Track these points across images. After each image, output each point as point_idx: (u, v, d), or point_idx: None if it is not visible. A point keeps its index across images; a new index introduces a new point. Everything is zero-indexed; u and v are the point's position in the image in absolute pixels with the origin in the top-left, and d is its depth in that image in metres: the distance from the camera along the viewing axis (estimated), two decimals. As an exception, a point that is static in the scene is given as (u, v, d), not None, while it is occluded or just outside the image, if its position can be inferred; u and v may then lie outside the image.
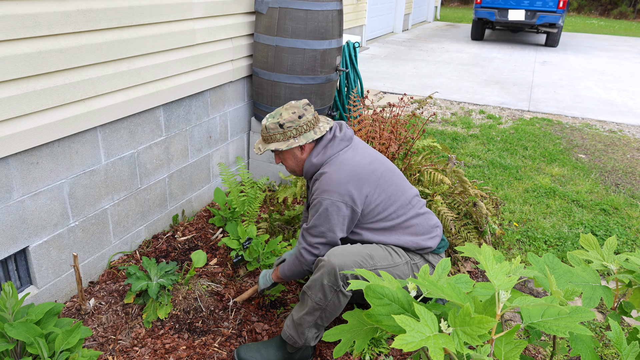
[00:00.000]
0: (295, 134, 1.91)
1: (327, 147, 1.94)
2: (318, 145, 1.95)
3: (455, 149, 4.59)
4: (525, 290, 2.65)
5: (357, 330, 1.09)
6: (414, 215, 1.96)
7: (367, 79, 7.08)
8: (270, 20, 3.07)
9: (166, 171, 2.79)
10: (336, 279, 1.78)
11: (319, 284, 1.80)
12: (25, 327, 1.59)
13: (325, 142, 1.94)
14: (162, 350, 2.06)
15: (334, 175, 1.87)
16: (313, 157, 1.94)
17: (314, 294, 1.82)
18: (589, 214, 3.48)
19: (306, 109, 1.94)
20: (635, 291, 1.25)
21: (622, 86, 7.45)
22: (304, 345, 1.92)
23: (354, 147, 1.97)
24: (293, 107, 1.93)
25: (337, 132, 1.97)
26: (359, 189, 1.87)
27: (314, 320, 1.86)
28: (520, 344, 0.98)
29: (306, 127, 1.92)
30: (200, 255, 2.42)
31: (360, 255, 1.83)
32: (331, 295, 1.81)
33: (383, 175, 1.94)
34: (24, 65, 1.84)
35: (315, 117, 1.96)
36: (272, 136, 1.93)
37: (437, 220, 2.05)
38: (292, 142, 1.91)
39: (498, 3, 10.66)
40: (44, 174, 2.06)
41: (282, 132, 1.91)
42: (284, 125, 1.90)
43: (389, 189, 1.93)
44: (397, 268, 1.89)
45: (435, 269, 1.18)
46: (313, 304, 1.83)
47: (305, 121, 1.91)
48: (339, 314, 1.87)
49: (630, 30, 16.25)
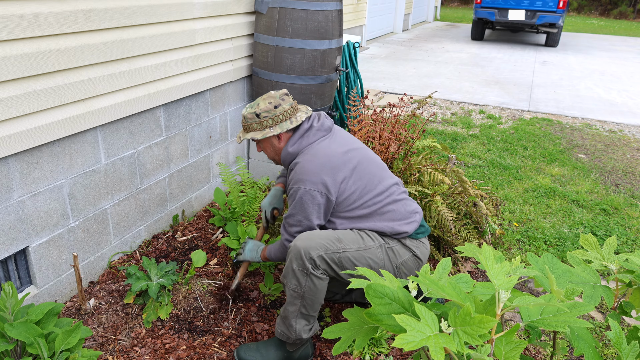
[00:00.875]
0: (272, 124, 1.96)
1: (304, 136, 1.98)
2: (295, 135, 1.99)
3: (455, 149, 4.59)
4: (525, 290, 2.65)
5: (357, 328, 1.08)
6: (390, 202, 1.98)
7: (367, 79, 7.08)
8: (270, 20, 3.07)
9: (166, 171, 2.79)
10: (303, 262, 1.82)
11: (290, 270, 1.85)
12: (25, 327, 1.59)
13: (301, 131, 1.99)
14: (162, 350, 2.06)
15: (308, 165, 1.91)
16: (289, 146, 1.99)
17: (288, 282, 1.87)
18: (589, 214, 3.48)
19: (283, 99, 1.98)
20: (635, 291, 1.25)
21: (622, 86, 7.45)
22: (296, 338, 1.93)
23: (332, 137, 2.00)
24: (270, 97, 1.98)
25: (314, 122, 2.01)
26: (333, 177, 1.90)
27: (297, 309, 1.89)
28: (521, 344, 0.98)
29: (282, 116, 1.96)
30: (200, 255, 2.42)
31: (327, 238, 1.87)
32: (304, 279, 1.84)
33: (360, 163, 1.97)
34: (24, 65, 1.84)
35: (293, 107, 2.00)
36: (249, 125, 1.99)
37: (417, 207, 2.07)
38: (268, 132, 1.96)
39: (498, 3, 10.66)
40: (44, 174, 2.06)
41: (259, 121, 1.96)
42: (260, 114, 1.96)
43: (365, 178, 1.96)
44: (368, 251, 1.91)
45: (436, 268, 1.18)
46: (291, 292, 1.87)
47: (282, 111, 1.96)
48: (321, 299, 1.90)
49: (630, 30, 16.25)
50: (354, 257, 1.88)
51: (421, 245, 2.03)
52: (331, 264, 1.85)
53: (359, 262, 1.88)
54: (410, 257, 1.99)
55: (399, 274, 1.98)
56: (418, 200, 2.82)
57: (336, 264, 1.86)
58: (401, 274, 1.98)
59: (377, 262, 1.92)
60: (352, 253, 1.88)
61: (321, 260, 1.83)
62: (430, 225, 2.75)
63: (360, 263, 1.88)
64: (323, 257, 1.83)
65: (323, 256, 1.83)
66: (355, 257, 1.88)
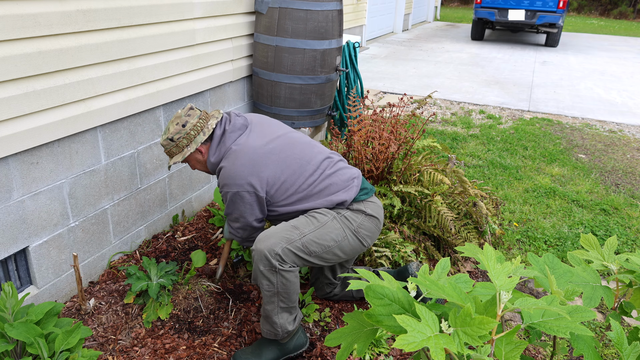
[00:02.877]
0: (186, 143, 1.99)
1: (220, 143, 1.99)
2: (212, 144, 2.01)
3: (455, 149, 4.59)
4: (525, 290, 2.65)
5: (357, 332, 1.08)
6: (324, 178, 2.00)
7: (367, 79, 7.08)
8: (270, 20, 3.07)
9: (166, 171, 2.79)
10: (269, 261, 1.84)
11: (258, 272, 1.88)
12: (25, 327, 1.59)
13: (217, 139, 2.00)
14: (162, 350, 2.06)
15: (230, 169, 1.93)
16: (210, 156, 2.01)
17: (260, 283, 1.90)
18: (589, 214, 3.48)
19: (189, 114, 2.00)
20: (636, 291, 1.25)
21: (622, 86, 7.45)
22: (283, 333, 1.96)
23: (249, 133, 2.01)
24: (177, 117, 2.00)
25: (226, 125, 2.01)
26: (257, 175, 1.93)
27: (276, 306, 1.91)
28: (521, 344, 0.98)
29: (193, 132, 1.98)
30: (200, 255, 2.41)
31: (284, 230, 1.89)
32: (274, 277, 1.86)
33: (283, 151, 1.98)
34: (24, 65, 1.84)
35: (203, 118, 2.00)
36: (170, 151, 2.03)
37: (354, 172, 2.08)
38: (186, 151, 1.98)
39: (498, 3, 10.66)
40: (44, 174, 2.06)
41: (175, 144, 1.99)
42: (174, 138, 1.98)
43: (292, 164, 1.97)
44: (326, 226, 1.93)
45: (435, 268, 1.18)
46: (265, 292, 1.90)
47: (191, 127, 1.97)
48: (297, 289, 1.93)
49: (630, 30, 16.25)
50: (315, 237, 1.90)
51: (369, 204, 2.04)
52: (297, 252, 1.88)
53: (322, 239, 1.91)
54: (364, 218, 2.00)
55: (361, 238, 2.01)
56: (418, 200, 2.82)
57: (302, 250, 1.88)
58: (363, 238, 2.01)
59: (338, 233, 1.95)
60: (312, 234, 1.91)
61: (286, 252, 1.86)
62: (430, 225, 2.75)
63: (324, 239, 1.91)
64: (287, 249, 1.86)
65: (287, 248, 1.86)
66: (316, 236, 1.91)
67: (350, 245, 1.98)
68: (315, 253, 1.91)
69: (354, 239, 1.98)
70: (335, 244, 1.94)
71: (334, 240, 1.94)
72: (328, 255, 1.95)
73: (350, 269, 2.30)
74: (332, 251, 1.95)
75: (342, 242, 1.96)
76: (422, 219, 2.80)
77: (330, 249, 1.94)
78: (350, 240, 1.98)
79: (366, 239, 2.02)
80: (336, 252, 1.96)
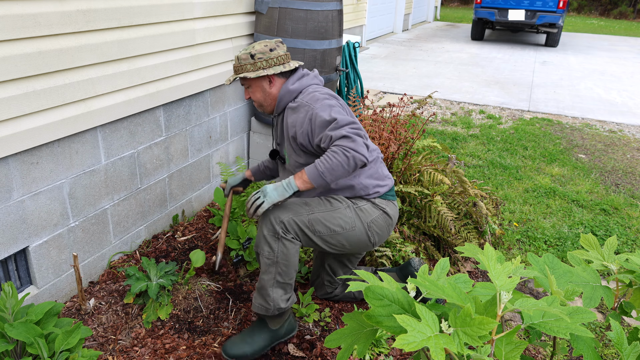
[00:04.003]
0: (265, 65, 1.97)
1: (303, 78, 2.02)
2: (293, 76, 2.03)
3: (455, 149, 4.59)
4: (525, 290, 2.65)
5: (357, 333, 1.08)
6: (373, 160, 2.05)
7: (367, 79, 7.08)
8: (270, 20, 3.07)
9: (166, 171, 2.79)
10: (274, 226, 1.86)
11: (261, 237, 1.90)
12: (25, 327, 1.59)
13: (299, 74, 2.03)
14: (162, 350, 2.06)
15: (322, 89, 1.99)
16: (290, 84, 2.00)
17: (261, 250, 1.91)
18: (589, 214, 3.48)
19: (278, 45, 2.01)
20: (636, 291, 1.25)
21: (622, 86, 7.45)
22: (275, 309, 1.95)
23: (324, 89, 2.05)
24: (266, 41, 2.01)
25: (309, 71, 2.08)
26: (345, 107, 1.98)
27: (273, 277, 1.92)
28: (521, 344, 0.98)
29: (277, 60, 1.98)
30: (199, 254, 2.41)
31: (294, 204, 1.93)
32: (276, 244, 1.88)
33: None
34: (24, 65, 1.84)
35: (287, 55, 2.02)
36: (242, 66, 1.98)
37: (389, 174, 2.14)
38: (262, 72, 1.96)
39: (498, 3, 10.66)
40: (44, 174, 2.06)
41: (253, 62, 1.96)
42: (255, 55, 1.96)
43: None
44: (337, 211, 1.96)
45: (434, 268, 1.18)
46: (265, 260, 1.91)
47: (276, 55, 1.98)
48: (295, 265, 1.94)
49: (630, 30, 16.25)
50: (323, 217, 1.92)
51: (392, 205, 2.07)
52: (302, 226, 1.89)
53: (329, 222, 1.93)
54: (380, 215, 2.02)
55: (371, 234, 2.02)
56: (418, 200, 2.82)
57: (307, 226, 1.90)
58: (373, 234, 2.02)
59: (348, 221, 1.96)
60: (321, 214, 1.92)
61: (291, 223, 1.87)
62: (430, 225, 2.75)
63: (331, 223, 1.93)
64: (293, 220, 1.88)
65: (293, 219, 1.88)
66: (325, 217, 1.92)
67: (357, 237, 1.99)
68: (320, 233, 1.93)
69: (362, 232, 1.99)
70: (341, 231, 1.95)
71: (341, 226, 1.95)
72: (332, 241, 1.96)
73: (352, 272, 2.30)
74: (336, 237, 1.96)
75: (349, 232, 1.96)
76: (422, 219, 2.80)
77: (335, 234, 1.95)
78: (358, 232, 1.98)
79: (375, 235, 2.03)
80: (341, 239, 1.97)
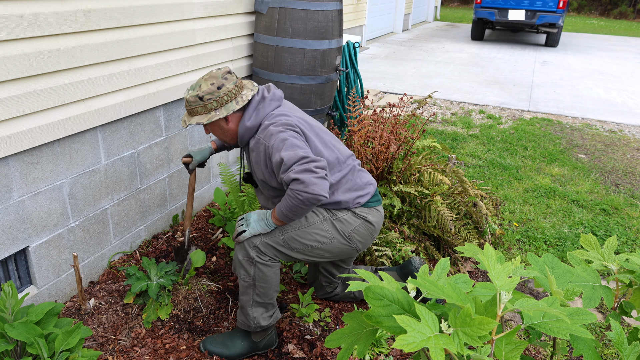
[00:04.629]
0: (217, 106, 1.84)
1: (258, 108, 1.88)
2: (248, 109, 1.88)
3: (455, 149, 4.59)
4: (525, 290, 2.65)
5: (357, 333, 1.08)
6: (348, 172, 1.98)
7: (367, 79, 7.08)
8: (270, 20, 3.07)
9: (166, 171, 2.79)
10: (247, 251, 1.86)
11: (237, 261, 1.91)
12: (25, 327, 1.59)
13: (254, 104, 1.89)
14: (162, 350, 2.06)
15: (278, 118, 1.85)
16: (246, 121, 1.87)
17: (237, 272, 1.92)
18: (589, 214, 3.48)
19: (226, 77, 1.86)
20: (636, 291, 1.25)
21: (622, 86, 7.45)
22: (256, 326, 1.97)
23: (286, 105, 1.96)
24: (212, 77, 1.85)
25: (265, 93, 1.91)
26: (304, 126, 1.88)
27: (251, 298, 1.93)
28: (521, 344, 0.98)
29: (227, 97, 1.84)
30: (199, 254, 2.41)
31: None
32: (251, 269, 1.88)
33: (320, 129, 1.97)
34: (24, 65, 1.84)
35: (239, 86, 1.88)
36: (194, 109, 1.87)
37: (370, 178, 2.06)
38: (214, 115, 1.84)
39: (498, 3, 10.65)
40: (44, 174, 2.06)
41: (203, 104, 1.84)
42: (204, 97, 1.83)
43: (329, 148, 1.93)
44: (313, 227, 1.92)
45: (434, 268, 1.18)
46: (242, 282, 1.92)
47: (226, 91, 1.84)
48: (274, 286, 1.94)
49: (630, 30, 16.25)
50: (298, 235, 1.89)
51: (374, 212, 2.01)
52: (277, 247, 1.88)
53: (305, 238, 1.90)
54: (362, 223, 1.97)
55: (353, 243, 1.98)
56: (418, 200, 2.82)
57: (283, 246, 1.88)
58: (355, 243, 1.99)
59: (325, 235, 1.92)
60: (295, 232, 1.89)
61: (265, 246, 1.86)
62: (430, 225, 2.75)
63: (307, 239, 1.90)
64: (266, 242, 1.86)
65: (266, 242, 1.86)
66: (299, 235, 1.89)
67: (338, 248, 1.96)
68: (298, 250, 1.91)
69: (343, 242, 1.96)
70: (319, 245, 1.93)
71: (318, 241, 1.92)
72: (312, 254, 1.94)
73: (350, 270, 2.30)
74: (315, 251, 1.94)
75: (327, 245, 1.94)
76: (422, 219, 2.80)
77: (313, 249, 1.93)
78: (338, 243, 1.95)
79: (358, 244, 2.00)
80: (320, 252, 1.95)
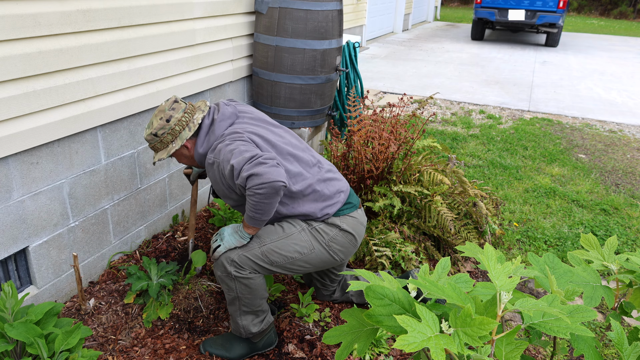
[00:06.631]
0: (172, 139, 1.88)
1: (209, 133, 1.88)
2: (200, 135, 1.89)
3: (455, 149, 4.59)
4: (525, 290, 2.65)
5: (357, 331, 1.08)
6: (316, 182, 1.91)
7: (367, 79, 7.08)
8: (270, 20, 3.06)
9: (166, 171, 2.79)
10: (225, 267, 1.86)
11: (218, 277, 1.91)
12: (25, 327, 1.59)
13: (205, 129, 1.89)
14: (162, 350, 2.06)
15: (228, 137, 1.81)
16: (199, 147, 1.89)
17: (223, 287, 1.93)
18: (589, 214, 3.48)
19: (174, 107, 1.88)
20: (636, 291, 1.25)
21: (622, 86, 7.45)
22: (247, 333, 1.99)
23: (241, 121, 1.92)
24: (160, 111, 1.89)
25: (215, 114, 1.91)
26: (256, 138, 1.83)
27: (238, 309, 1.95)
28: (521, 344, 0.98)
29: (178, 127, 1.87)
30: (200, 254, 2.41)
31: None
32: (232, 283, 1.88)
33: (282, 136, 1.93)
34: (24, 65, 1.84)
35: (188, 112, 1.89)
36: (154, 147, 1.92)
37: (342, 185, 2.00)
38: (171, 148, 1.88)
39: (498, 3, 10.66)
40: (44, 174, 2.06)
41: (159, 140, 1.89)
42: (158, 133, 1.87)
43: (289, 157, 1.88)
44: (291, 237, 1.89)
45: (435, 268, 1.18)
46: (227, 296, 1.94)
47: (175, 122, 1.86)
48: (261, 295, 1.93)
49: (630, 30, 16.25)
50: (277, 247, 1.86)
51: (348, 219, 1.96)
52: (256, 260, 1.85)
53: (284, 250, 1.87)
54: (338, 232, 1.93)
55: (333, 253, 1.94)
56: (418, 200, 2.82)
57: (261, 259, 1.85)
58: (335, 252, 1.95)
59: (305, 245, 1.89)
60: (273, 244, 1.87)
61: (243, 260, 1.84)
62: (430, 225, 2.75)
63: (286, 250, 1.87)
64: (244, 256, 1.84)
65: (244, 255, 1.84)
66: (278, 246, 1.87)
67: (319, 258, 1.92)
68: (277, 263, 1.87)
69: (323, 252, 1.92)
70: (300, 256, 1.89)
71: (298, 252, 1.88)
72: (293, 266, 1.90)
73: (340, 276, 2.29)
74: (296, 263, 1.90)
75: (308, 255, 1.90)
76: (422, 219, 2.80)
77: (294, 260, 1.89)
78: (318, 252, 1.91)
79: (338, 253, 1.95)
80: (301, 264, 1.91)
